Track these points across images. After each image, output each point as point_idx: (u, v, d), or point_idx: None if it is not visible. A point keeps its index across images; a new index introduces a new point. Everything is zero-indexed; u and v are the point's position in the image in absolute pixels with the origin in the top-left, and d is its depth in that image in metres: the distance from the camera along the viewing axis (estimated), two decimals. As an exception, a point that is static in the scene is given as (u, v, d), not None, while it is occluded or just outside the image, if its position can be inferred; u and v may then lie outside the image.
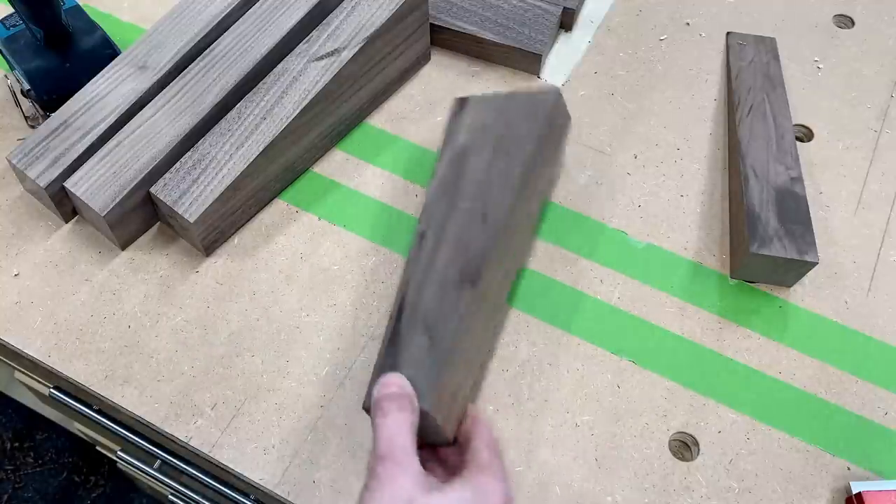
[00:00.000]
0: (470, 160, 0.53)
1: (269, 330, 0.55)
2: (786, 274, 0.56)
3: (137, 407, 0.52)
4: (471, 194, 0.51)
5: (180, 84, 0.60)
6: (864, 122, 0.66)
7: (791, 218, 0.56)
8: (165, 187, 0.56)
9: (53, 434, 1.33)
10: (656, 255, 0.59)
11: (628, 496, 0.49)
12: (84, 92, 0.59)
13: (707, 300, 0.57)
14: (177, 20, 0.62)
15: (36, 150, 0.57)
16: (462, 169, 0.53)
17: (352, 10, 0.62)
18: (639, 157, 0.64)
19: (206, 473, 0.61)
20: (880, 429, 0.52)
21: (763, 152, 0.60)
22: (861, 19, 0.73)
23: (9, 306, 0.56)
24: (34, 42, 0.61)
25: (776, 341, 0.55)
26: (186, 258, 0.58)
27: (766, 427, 0.52)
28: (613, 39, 0.72)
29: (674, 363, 0.54)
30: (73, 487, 1.29)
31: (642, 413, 0.52)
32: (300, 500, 0.49)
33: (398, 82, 0.68)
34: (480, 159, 0.53)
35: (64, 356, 0.54)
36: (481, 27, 0.68)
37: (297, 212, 0.61)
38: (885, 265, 0.59)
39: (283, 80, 0.59)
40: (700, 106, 0.67)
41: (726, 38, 0.71)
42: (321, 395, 0.53)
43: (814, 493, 0.50)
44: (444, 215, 0.51)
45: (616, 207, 0.61)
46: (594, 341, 0.55)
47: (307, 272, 0.58)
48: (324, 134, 0.62)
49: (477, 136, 0.55)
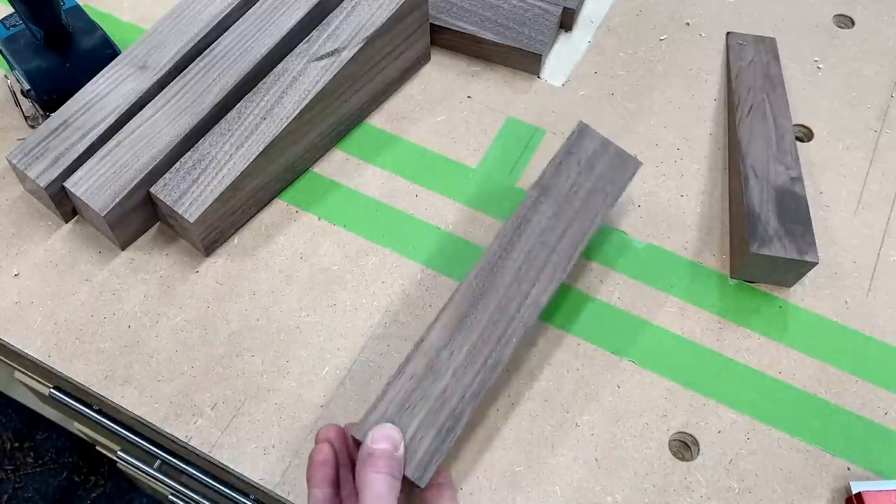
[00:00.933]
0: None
1: (269, 330, 0.55)
2: (786, 274, 0.56)
3: (137, 407, 0.52)
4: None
5: (180, 84, 0.60)
6: (864, 122, 0.66)
7: (791, 218, 0.56)
8: (165, 187, 0.56)
9: (53, 434, 1.33)
10: (656, 255, 0.59)
11: (628, 496, 0.49)
12: (84, 92, 0.59)
13: (707, 300, 0.57)
14: (177, 20, 0.62)
15: (36, 150, 0.57)
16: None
17: (352, 10, 0.62)
18: (639, 157, 0.64)
19: (206, 473, 0.61)
20: (880, 429, 0.52)
21: (763, 152, 0.60)
22: (861, 19, 0.73)
23: (9, 306, 0.56)
24: (34, 42, 0.61)
25: (776, 341, 0.55)
26: (186, 258, 0.58)
27: (766, 427, 0.52)
28: (613, 39, 0.72)
29: (674, 363, 0.54)
30: (73, 487, 1.29)
31: (642, 413, 0.52)
32: (300, 500, 0.49)
33: (398, 82, 0.68)
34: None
35: (64, 356, 0.54)
36: (481, 27, 0.68)
37: (297, 212, 0.61)
38: (885, 265, 0.59)
39: (283, 80, 0.59)
40: (700, 106, 0.67)
41: (726, 38, 0.71)
42: (321, 395, 0.53)
43: (814, 493, 0.50)
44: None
45: (616, 207, 0.61)
46: (594, 341, 0.55)
47: (307, 272, 0.58)
48: (324, 134, 0.62)
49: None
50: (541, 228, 0.53)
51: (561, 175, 0.55)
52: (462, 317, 0.49)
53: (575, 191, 0.55)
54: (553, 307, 0.56)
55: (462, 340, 0.49)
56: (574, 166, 0.56)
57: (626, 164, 0.57)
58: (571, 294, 0.57)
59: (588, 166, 0.56)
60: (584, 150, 0.57)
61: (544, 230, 0.53)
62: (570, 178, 0.55)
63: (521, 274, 0.51)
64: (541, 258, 0.52)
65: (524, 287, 0.51)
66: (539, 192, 0.54)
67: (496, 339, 0.49)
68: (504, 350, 0.49)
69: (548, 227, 0.53)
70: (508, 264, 0.51)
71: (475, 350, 0.48)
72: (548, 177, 0.55)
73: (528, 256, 0.52)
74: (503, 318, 0.50)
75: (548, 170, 0.55)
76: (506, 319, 0.50)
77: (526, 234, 0.53)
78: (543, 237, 0.53)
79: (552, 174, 0.55)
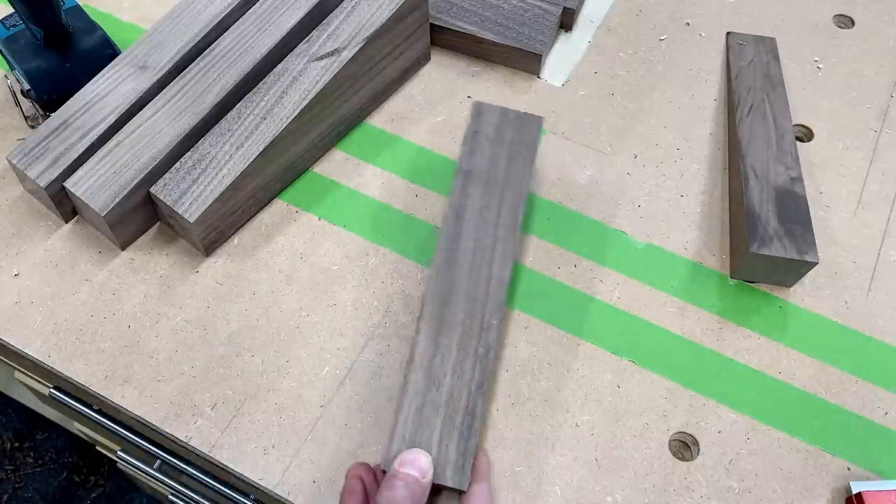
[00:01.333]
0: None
1: (269, 330, 0.55)
2: (786, 274, 0.56)
3: (137, 407, 0.52)
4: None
5: (180, 84, 0.60)
6: (864, 122, 0.66)
7: (791, 218, 0.56)
8: (165, 187, 0.56)
9: (53, 434, 1.33)
10: (656, 255, 0.59)
11: (628, 496, 0.49)
12: (84, 92, 0.59)
13: (707, 300, 0.57)
14: (177, 20, 0.62)
15: (36, 150, 0.57)
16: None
17: (352, 10, 0.62)
18: (639, 157, 0.64)
19: (206, 473, 0.61)
20: (880, 429, 0.52)
21: (763, 152, 0.60)
22: (861, 19, 0.73)
23: (9, 306, 0.56)
24: (34, 42, 0.61)
25: (776, 341, 0.55)
26: (186, 258, 0.58)
27: (766, 427, 0.52)
28: (613, 39, 0.72)
29: (674, 363, 0.54)
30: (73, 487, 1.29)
31: (642, 413, 0.52)
32: (300, 500, 0.49)
33: (398, 82, 0.68)
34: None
35: (64, 356, 0.54)
36: (481, 27, 0.68)
37: (297, 212, 0.61)
38: (885, 265, 0.59)
39: (283, 80, 0.59)
40: (700, 106, 0.67)
41: (726, 38, 0.71)
42: (321, 395, 0.53)
43: (814, 493, 0.50)
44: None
45: (616, 207, 0.61)
46: (594, 341, 0.55)
47: (307, 272, 0.58)
48: (324, 134, 0.62)
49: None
50: (478, 210, 0.55)
51: (476, 155, 0.57)
52: (439, 320, 0.50)
53: (495, 163, 0.57)
54: (553, 307, 0.56)
55: (448, 341, 0.50)
56: (484, 143, 0.58)
57: (530, 123, 0.59)
58: (572, 294, 0.57)
59: (497, 138, 0.58)
60: (487, 125, 0.59)
61: (481, 210, 0.55)
62: (485, 155, 0.57)
63: (477, 258, 0.53)
64: (489, 236, 0.54)
65: (484, 270, 0.53)
66: (463, 179, 0.56)
67: (478, 328, 0.50)
68: (489, 335, 0.50)
69: (484, 207, 0.55)
70: (461, 255, 0.53)
71: (463, 344, 0.50)
72: (465, 161, 0.57)
73: (476, 241, 0.54)
74: (477, 306, 0.51)
75: (462, 156, 0.58)
76: (479, 306, 0.51)
77: (466, 221, 0.55)
78: (483, 216, 0.55)
79: (468, 157, 0.57)
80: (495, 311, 0.51)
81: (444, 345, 0.50)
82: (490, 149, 0.58)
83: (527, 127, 0.59)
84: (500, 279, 0.52)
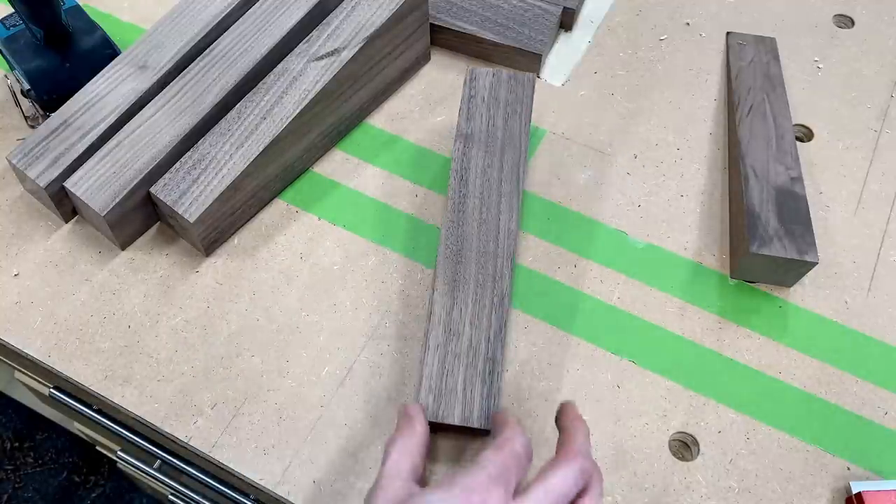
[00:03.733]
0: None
1: (269, 330, 0.55)
2: (786, 274, 0.56)
3: (137, 407, 0.52)
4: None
5: (180, 84, 0.60)
6: (864, 122, 0.66)
7: (791, 218, 0.56)
8: (165, 187, 0.56)
9: (53, 434, 1.33)
10: (656, 255, 0.59)
11: (628, 496, 0.49)
12: (84, 92, 0.59)
13: (707, 300, 0.57)
14: (177, 20, 0.62)
15: (36, 150, 0.57)
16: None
17: (352, 10, 0.62)
18: (639, 157, 0.64)
19: (206, 473, 0.61)
20: (880, 429, 0.52)
21: (763, 152, 0.60)
22: (861, 19, 0.73)
23: (9, 306, 0.56)
24: (34, 42, 0.61)
25: (776, 341, 0.55)
26: (186, 258, 0.58)
27: (766, 427, 0.52)
28: (613, 39, 0.72)
29: (674, 363, 0.54)
30: (73, 487, 1.29)
31: (642, 413, 0.52)
32: (300, 500, 0.49)
33: (398, 82, 0.68)
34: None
35: (64, 356, 0.54)
36: (481, 27, 0.68)
37: (297, 212, 0.61)
38: (885, 265, 0.59)
39: (283, 80, 0.59)
40: (700, 106, 0.67)
41: (726, 38, 0.71)
42: (321, 395, 0.53)
43: (814, 493, 0.50)
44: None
45: (616, 207, 0.61)
46: (594, 341, 0.55)
47: (307, 272, 0.58)
48: (324, 134, 0.62)
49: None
50: (480, 169, 0.57)
51: (473, 118, 0.59)
52: (453, 275, 0.53)
53: (492, 124, 0.59)
54: (553, 307, 0.56)
55: (464, 295, 0.52)
56: (480, 105, 0.60)
57: (524, 82, 0.61)
58: (571, 294, 0.57)
59: (493, 99, 0.60)
60: (481, 88, 0.61)
61: (484, 169, 0.57)
62: (483, 117, 0.59)
63: (484, 214, 0.55)
64: (493, 192, 0.56)
65: (492, 224, 0.55)
66: (463, 143, 0.58)
67: (492, 278, 0.53)
68: (503, 283, 0.53)
69: (486, 166, 0.57)
70: (469, 214, 0.55)
71: (478, 296, 0.52)
72: (463, 125, 0.59)
73: (481, 198, 0.56)
74: (489, 258, 0.54)
75: (460, 120, 0.59)
76: (491, 257, 0.54)
77: (471, 182, 0.57)
78: (486, 176, 0.57)
79: (465, 121, 0.59)
80: (507, 262, 0.53)
81: (460, 299, 0.52)
82: (486, 110, 0.60)
83: (521, 85, 0.61)
84: (508, 230, 0.55)
